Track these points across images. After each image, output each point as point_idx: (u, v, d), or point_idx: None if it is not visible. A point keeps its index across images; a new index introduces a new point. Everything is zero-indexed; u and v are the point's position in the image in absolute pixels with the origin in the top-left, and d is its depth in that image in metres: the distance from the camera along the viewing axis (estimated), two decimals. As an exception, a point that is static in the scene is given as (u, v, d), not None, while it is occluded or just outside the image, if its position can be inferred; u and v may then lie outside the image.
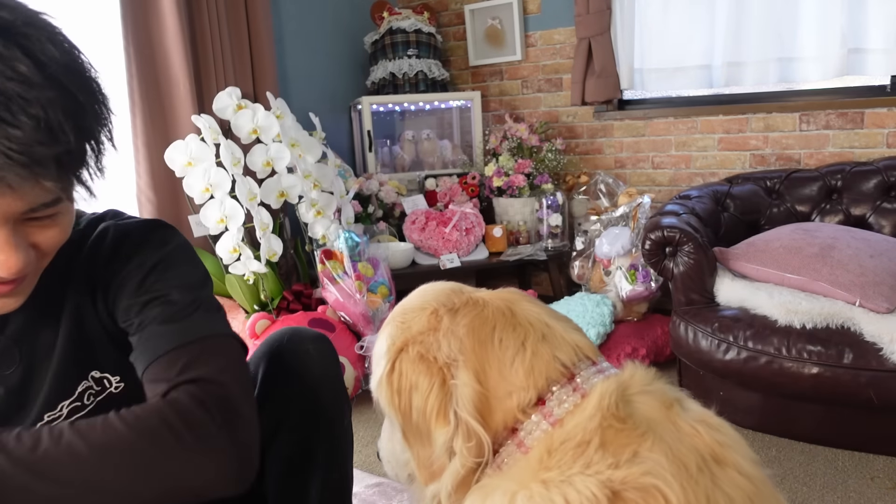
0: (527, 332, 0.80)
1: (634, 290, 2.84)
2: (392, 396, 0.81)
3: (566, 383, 0.76)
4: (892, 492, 1.88)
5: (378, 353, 0.88)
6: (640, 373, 0.78)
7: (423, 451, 0.79)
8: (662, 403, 0.75)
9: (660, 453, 0.68)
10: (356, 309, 2.67)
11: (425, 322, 0.82)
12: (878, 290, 2.08)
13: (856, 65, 2.71)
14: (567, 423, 0.73)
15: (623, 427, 0.70)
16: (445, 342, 0.79)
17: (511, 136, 3.49)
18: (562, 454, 0.70)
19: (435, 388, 0.77)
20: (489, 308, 0.83)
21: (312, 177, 2.81)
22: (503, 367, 0.77)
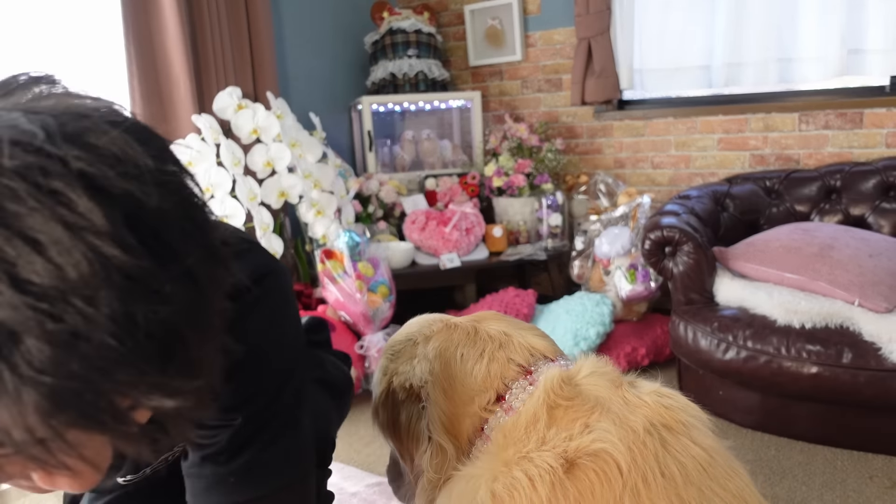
0: (485, 345, 0.88)
1: (634, 290, 2.85)
2: (384, 425, 0.93)
3: (522, 379, 0.83)
4: (890, 491, 1.89)
5: (374, 385, 0.97)
6: (591, 360, 0.85)
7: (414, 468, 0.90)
8: (611, 382, 0.80)
9: (607, 422, 0.72)
10: (356, 308, 2.68)
11: (406, 353, 0.92)
12: (877, 289, 2.09)
13: (855, 65, 2.72)
14: (522, 410, 0.79)
15: (571, 404, 0.76)
16: (419, 367, 0.88)
17: (511, 136, 3.49)
18: (516, 435, 0.76)
19: (413, 415, 0.87)
20: (457, 331, 0.91)
21: (313, 177, 2.81)
22: (465, 378, 0.85)
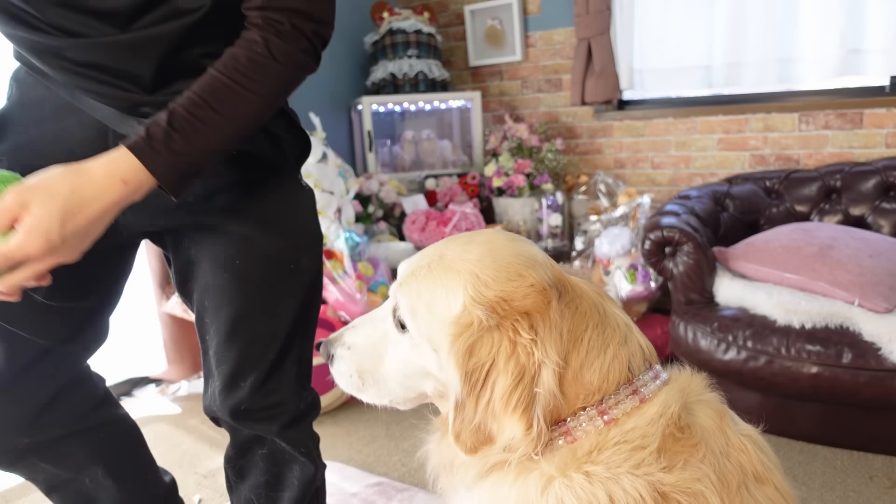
0: (612, 337, 0.80)
1: (634, 290, 2.85)
2: (464, 357, 0.76)
3: (626, 385, 0.79)
4: (890, 491, 1.89)
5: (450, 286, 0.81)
6: (696, 380, 0.84)
7: (476, 419, 0.77)
8: (716, 413, 0.80)
9: (708, 465, 0.73)
10: (356, 309, 2.68)
11: (531, 301, 0.77)
12: (877, 289, 2.09)
13: (855, 65, 2.72)
14: (624, 423, 0.76)
15: (681, 436, 0.75)
16: (548, 340, 0.76)
17: (511, 137, 3.49)
18: (614, 452, 0.73)
19: (521, 386, 0.74)
20: (585, 302, 0.81)
21: (313, 177, 2.82)
22: (582, 370, 0.78)
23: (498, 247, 0.83)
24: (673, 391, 0.79)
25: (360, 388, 0.92)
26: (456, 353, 0.77)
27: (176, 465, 2.26)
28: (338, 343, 0.93)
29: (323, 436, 2.42)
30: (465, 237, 0.87)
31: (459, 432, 0.78)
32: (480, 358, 0.76)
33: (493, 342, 0.76)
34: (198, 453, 2.34)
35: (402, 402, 0.93)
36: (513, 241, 0.85)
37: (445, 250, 0.85)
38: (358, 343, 0.92)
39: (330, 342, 0.94)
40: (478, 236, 0.87)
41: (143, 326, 2.76)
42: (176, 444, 2.42)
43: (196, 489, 2.10)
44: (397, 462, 2.21)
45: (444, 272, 0.82)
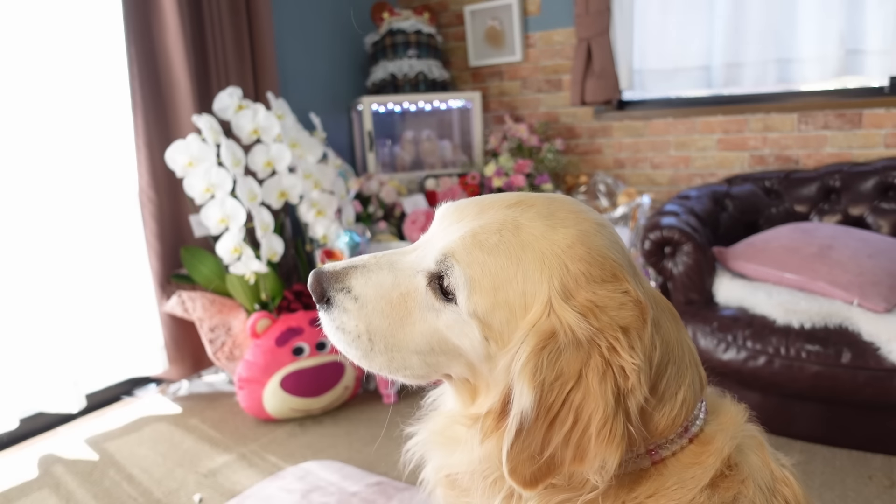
0: (685, 374, 0.73)
1: (634, 290, 2.85)
2: (544, 373, 0.63)
3: (682, 431, 0.73)
4: (889, 490, 1.89)
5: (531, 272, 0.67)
6: (737, 412, 0.80)
7: (550, 449, 0.64)
8: (759, 446, 0.77)
9: (760, 500, 0.70)
10: (357, 308, 2.68)
11: (628, 315, 0.65)
12: (877, 289, 2.09)
13: (854, 66, 2.72)
14: (672, 465, 0.70)
15: (730, 473, 0.70)
16: (642, 367, 0.64)
17: (511, 137, 3.50)
18: (659, 489, 0.69)
19: (618, 416, 0.62)
20: (666, 325, 0.72)
21: (313, 177, 2.82)
22: (654, 412, 0.69)
23: (590, 232, 0.70)
24: (725, 433, 0.74)
25: (367, 353, 0.76)
26: (534, 365, 0.63)
27: (176, 465, 2.27)
28: (340, 286, 0.76)
29: (323, 436, 2.43)
30: (545, 205, 0.72)
31: (516, 461, 0.64)
32: (563, 375, 0.63)
33: (581, 357, 0.63)
34: (198, 453, 2.35)
35: (415, 378, 0.78)
36: (603, 227, 0.72)
37: (522, 219, 0.70)
38: (369, 295, 0.76)
39: (328, 280, 0.76)
40: (562, 208, 0.72)
41: (143, 326, 2.76)
42: (176, 444, 2.42)
43: (196, 489, 2.10)
44: (397, 461, 2.21)
45: (522, 250, 0.68)
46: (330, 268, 0.78)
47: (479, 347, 0.71)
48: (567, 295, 0.66)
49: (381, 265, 0.77)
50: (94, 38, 2.57)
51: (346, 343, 0.77)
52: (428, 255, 0.76)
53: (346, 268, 0.77)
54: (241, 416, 2.61)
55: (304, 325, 2.59)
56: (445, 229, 0.76)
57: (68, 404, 2.47)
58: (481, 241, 0.70)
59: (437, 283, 0.73)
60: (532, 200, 0.73)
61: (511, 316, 0.68)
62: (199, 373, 2.99)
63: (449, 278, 0.71)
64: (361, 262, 0.78)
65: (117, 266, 2.70)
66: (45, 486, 2.16)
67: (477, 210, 0.75)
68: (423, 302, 0.75)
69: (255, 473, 2.19)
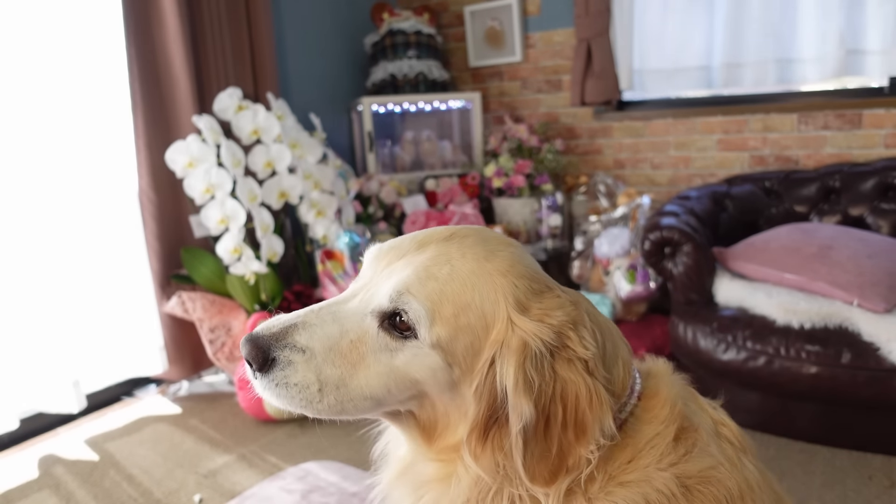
0: (616, 343, 0.80)
1: (633, 291, 2.86)
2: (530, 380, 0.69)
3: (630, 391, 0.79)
4: (889, 490, 1.89)
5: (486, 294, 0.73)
6: (665, 365, 0.85)
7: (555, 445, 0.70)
8: (692, 394, 0.84)
9: (716, 448, 0.77)
10: (357, 309, 2.68)
11: (571, 312, 0.74)
12: (876, 290, 2.09)
13: (854, 66, 2.72)
14: (634, 424, 0.76)
15: (689, 425, 0.77)
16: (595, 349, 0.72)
17: (511, 137, 3.50)
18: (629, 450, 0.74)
19: (598, 397, 0.70)
20: (591, 312, 0.79)
21: (313, 177, 2.82)
22: (609, 383, 0.75)
23: (518, 254, 0.78)
24: (663, 384, 0.80)
25: (311, 402, 0.74)
26: (524, 379, 0.69)
27: (176, 465, 2.27)
28: (283, 344, 0.74)
29: (323, 436, 2.43)
30: (477, 234, 0.79)
31: (533, 467, 0.69)
32: (545, 377, 0.70)
33: (553, 358, 0.71)
34: (198, 453, 2.35)
35: (356, 416, 0.80)
36: (522, 249, 0.81)
37: (464, 248, 0.76)
38: (316, 347, 0.74)
39: (268, 342, 0.74)
40: (491, 237, 0.79)
41: (143, 327, 2.77)
42: (176, 444, 2.42)
43: (196, 489, 2.11)
44: (397, 462, 2.21)
45: (474, 275, 0.74)
46: (266, 330, 0.75)
47: (441, 377, 0.74)
48: (522, 308, 0.73)
49: (324, 318, 0.76)
50: (94, 39, 2.57)
51: (291, 396, 0.74)
52: (374, 296, 0.76)
53: (286, 326, 0.75)
54: (241, 416, 2.62)
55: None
56: (385, 269, 0.78)
57: (68, 405, 2.47)
58: (434, 273, 0.73)
59: (391, 323, 0.75)
60: (464, 232, 0.79)
61: (474, 338, 0.73)
62: (199, 373, 2.99)
63: (407, 314, 0.73)
64: (300, 318, 0.76)
65: (117, 266, 2.70)
66: (46, 487, 2.16)
67: (415, 247, 0.78)
68: (375, 345, 0.75)
69: (255, 474, 2.19)
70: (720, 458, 0.75)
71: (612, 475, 0.73)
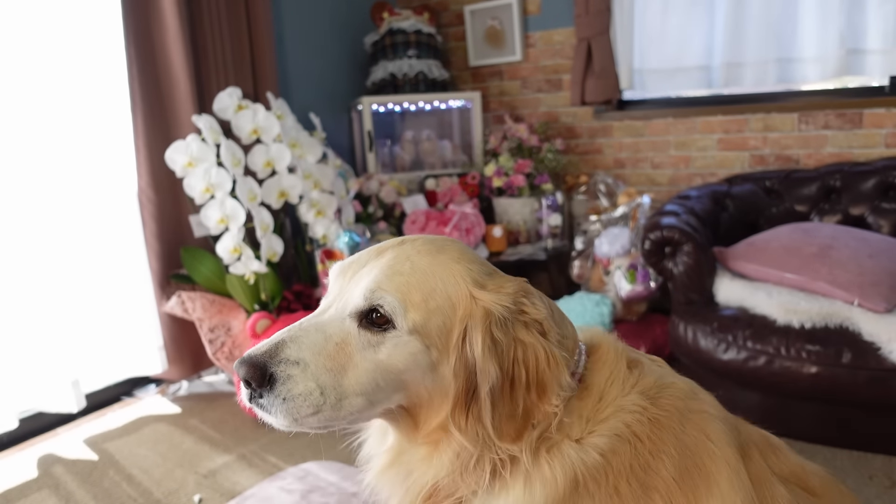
0: (562, 313, 0.92)
1: (634, 290, 2.85)
2: (494, 345, 0.79)
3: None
4: (890, 490, 1.89)
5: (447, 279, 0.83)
6: (589, 327, 0.99)
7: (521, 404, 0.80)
8: (616, 338, 0.97)
9: (659, 369, 0.93)
10: (356, 309, 2.68)
11: (521, 284, 0.87)
12: (877, 289, 2.09)
13: (854, 65, 2.72)
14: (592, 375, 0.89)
15: (633, 356, 0.93)
16: (547, 313, 0.84)
17: (511, 137, 3.49)
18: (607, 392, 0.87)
19: (554, 355, 0.80)
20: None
21: (313, 177, 2.82)
22: (562, 341, 0.87)
23: (464, 247, 0.90)
24: (601, 338, 0.94)
25: (319, 408, 0.79)
26: (490, 343, 0.79)
27: (176, 465, 2.27)
28: (278, 360, 0.78)
29: (323, 436, 2.42)
30: (425, 237, 0.90)
31: (500, 427, 0.79)
32: (506, 341, 0.79)
33: (510, 323, 0.80)
34: (198, 453, 2.35)
35: (354, 422, 0.86)
36: (463, 243, 0.93)
37: (418, 246, 0.86)
38: (307, 357, 0.79)
39: (264, 360, 0.78)
40: (436, 237, 0.90)
41: (142, 327, 2.76)
42: (176, 444, 2.42)
43: (196, 489, 2.10)
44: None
45: (433, 266, 0.84)
46: (257, 350, 0.80)
47: (422, 360, 0.82)
48: (479, 285, 0.83)
49: (307, 329, 0.82)
50: (93, 39, 2.57)
51: (297, 409, 0.79)
52: (349, 301, 0.84)
53: (276, 344, 0.80)
54: (241, 416, 2.61)
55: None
56: (352, 279, 0.86)
57: (68, 404, 2.47)
58: (398, 269, 0.83)
59: (368, 320, 0.82)
60: (413, 237, 0.90)
61: (445, 318, 0.82)
62: (199, 373, 2.98)
63: (383, 307, 0.81)
64: (286, 334, 0.82)
65: (117, 266, 2.70)
66: (45, 487, 2.16)
67: (374, 255, 0.87)
68: (359, 343, 0.82)
69: (255, 474, 2.18)
70: (665, 371, 0.92)
71: (590, 417, 0.83)
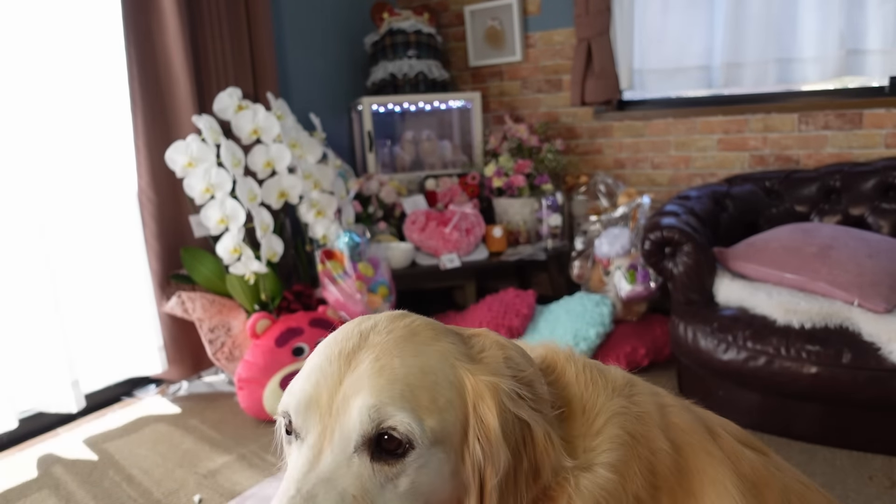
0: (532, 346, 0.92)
1: (634, 290, 2.85)
2: (506, 423, 0.70)
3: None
4: (890, 490, 1.89)
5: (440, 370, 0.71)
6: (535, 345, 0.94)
7: (529, 479, 0.72)
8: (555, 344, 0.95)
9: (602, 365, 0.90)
10: (356, 308, 2.68)
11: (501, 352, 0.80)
12: (877, 289, 2.09)
13: (854, 66, 2.72)
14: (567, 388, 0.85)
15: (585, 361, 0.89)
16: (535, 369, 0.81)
17: (511, 137, 3.49)
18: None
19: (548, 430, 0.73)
20: (505, 342, 0.89)
21: (313, 177, 2.82)
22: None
23: (426, 321, 0.79)
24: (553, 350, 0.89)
25: None
26: (500, 425, 0.69)
27: (176, 465, 2.27)
28: None
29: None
30: (383, 329, 0.74)
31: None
32: (514, 421, 0.71)
33: (517, 401, 0.72)
34: (198, 453, 2.34)
35: None
36: (422, 317, 0.81)
37: (387, 345, 0.71)
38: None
39: None
40: (398, 325, 0.76)
41: (142, 327, 2.76)
42: (176, 444, 2.42)
43: (196, 489, 2.10)
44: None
45: (422, 356, 0.71)
46: None
47: (445, 471, 0.70)
48: (469, 360, 0.74)
49: (314, 494, 0.64)
50: (93, 39, 2.56)
51: None
52: (346, 434, 0.67)
53: None
54: (241, 416, 2.61)
55: (304, 326, 2.59)
56: (332, 411, 0.68)
57: (68, 404, 2.46)
58: (391, 375, 0.68)
59: (379, 449, 0.67)
60: (369, 325, 0.75)
61: (455, 412, 0.70)
62: (199, 373, 2.98)
63: (397, 429, 0.66)
64: None
65: (117, 266, 2.70)
66: (45, 487, 2.16)
67: (345, 364, 0.71)
68: (376, 484, 0.66)
69: (255, 474, 2.18)
70: (615, 367, 0.89)
71: (585, 433, 0.76)
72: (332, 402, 0.68)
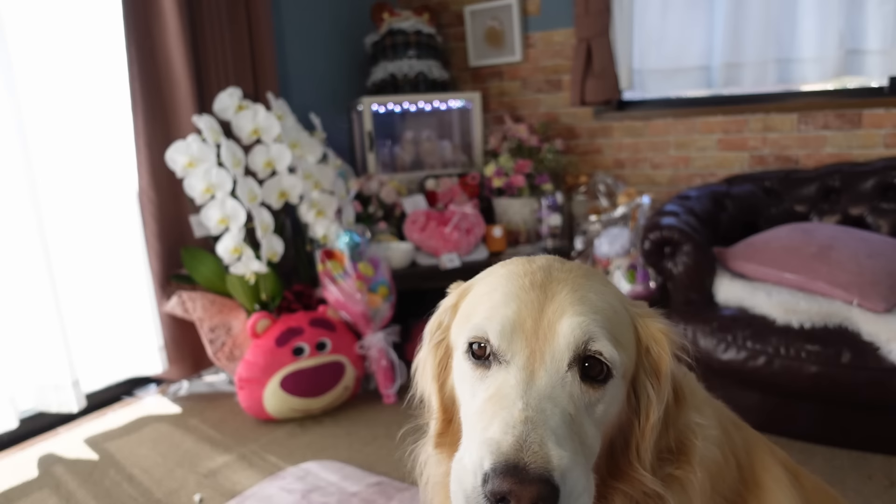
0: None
1: (633, 290, 2.86)
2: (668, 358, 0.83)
3: None
4: (889, 490, 1.89)
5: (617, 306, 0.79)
6: None
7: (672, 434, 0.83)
8: None
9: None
10: (356, 308, 2.68)
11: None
12: (876, 289, 2.09)
13: (854, 66, 2.72)
14: None
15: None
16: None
17: (511, 137, 3.50)
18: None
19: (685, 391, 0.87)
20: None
21: (313, 177, 2.82)
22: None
23: (589, 268, 0.85)
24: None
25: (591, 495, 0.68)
26: (671, 364, 0.79)
27: (176, 465, 2.27)
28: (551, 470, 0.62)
29: (323, 436, 2.43)
30: (577, 269, 0.80)
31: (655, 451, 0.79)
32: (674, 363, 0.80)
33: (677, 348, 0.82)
34: (198, 453, 2.35)
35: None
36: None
37: (585, 276, 0.78)
38: (568, 448, 0.65)
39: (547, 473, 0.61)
40: (571, 263, 0.83)
41: (143, 326, 2.77)
42: (176, 444, 2.42)
43: (196, 488, 2.11)
44: (397, 461, 2.21)
45: (607, 295, 0.77)
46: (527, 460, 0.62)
47: (623, 399, 0.76)
48: (635, 307, 0.81)
49: (542, 409, 0.66)
50: (94, 39, 2.57)
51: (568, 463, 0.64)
52: (554, 355, 0.70)
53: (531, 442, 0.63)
54: (241, 416, 2.62)
55: (304, 326, 2.60)
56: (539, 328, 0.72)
57: (69, 404, 2.47)
58: (592, 306, 0.73)
59: (584, 373, 0.71)
60: (542, 261, 0.81)
61: (632, 349, 0.77)
62: (200, 373, 2.99)
63: (603, 355, 0.70)
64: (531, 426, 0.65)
65: (117, 266, 2.70)
66: (46, 487, 2.16)
67: (538, 289, 0.74)
68: (582, 404, 0.70)
69: (255, 473, 2.19)
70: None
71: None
72: (538, 327, 0.72)
